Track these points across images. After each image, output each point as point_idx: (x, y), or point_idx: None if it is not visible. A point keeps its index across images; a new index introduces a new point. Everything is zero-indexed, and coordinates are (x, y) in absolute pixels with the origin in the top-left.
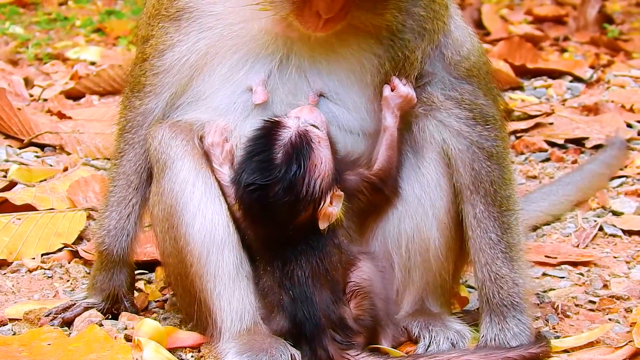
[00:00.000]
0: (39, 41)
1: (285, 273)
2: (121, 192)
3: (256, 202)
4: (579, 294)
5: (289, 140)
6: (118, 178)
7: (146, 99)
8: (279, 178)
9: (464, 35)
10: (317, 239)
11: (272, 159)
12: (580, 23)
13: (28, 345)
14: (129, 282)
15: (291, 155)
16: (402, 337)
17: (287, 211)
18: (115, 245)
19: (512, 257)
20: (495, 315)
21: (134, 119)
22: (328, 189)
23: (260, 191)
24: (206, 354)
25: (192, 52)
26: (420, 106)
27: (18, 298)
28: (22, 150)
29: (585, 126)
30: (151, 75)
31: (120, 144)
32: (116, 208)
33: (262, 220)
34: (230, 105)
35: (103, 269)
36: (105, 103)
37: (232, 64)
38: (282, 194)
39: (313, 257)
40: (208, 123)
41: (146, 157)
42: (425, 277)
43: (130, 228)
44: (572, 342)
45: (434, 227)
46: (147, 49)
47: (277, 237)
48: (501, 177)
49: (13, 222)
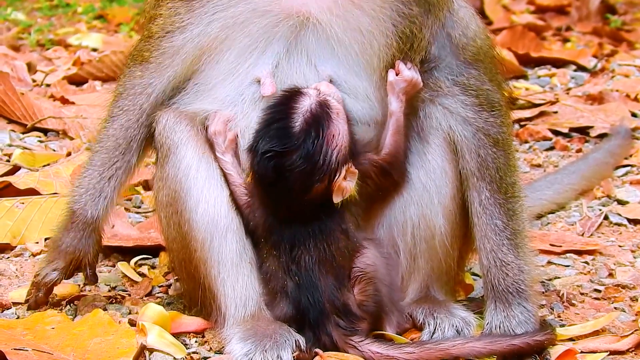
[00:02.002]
0: (41, 27)
1: (292, 257)
2: (107, 153)
3: (272, 170)
4: (584, 282)
5: (308, 108)
6: (106, 140)
7: (148, 73)
8: (297, 146)
9: (469, 16)
10: (324, 223)
11: (290, 126)
12: (582, 13)
13: (32, 329)
14: (96, 249)
15: (310, 124)
16: (407, 324)
17: (302, 181)
18: (90, 205)
19: (517, 244)
20: (500, 302)
21: (132, 87)
22: (344, 162)
23: (277, 158)
24: (210, 339)
25: (204, 34)
26: (427, 91)
27: (22, 282)
28: (25, 135)
29: (590, 115)
30: (157, 53)
31: (114, 109)
32: (98, 169)
33: (275, 191)
34: (237, 97)
35: (72, 229)
36: (108, 89)
37: (240, 50)
38: (299, 162)
39: (320, 242)
40: (213, 113)
41: (139, 127)
42: (431, 264)
43: (109, 191)
44: (578, 331)
45: (440, 213)
46: (153, 27)
47: (287, 213)
48: (507, 163)
49: (16, 206)
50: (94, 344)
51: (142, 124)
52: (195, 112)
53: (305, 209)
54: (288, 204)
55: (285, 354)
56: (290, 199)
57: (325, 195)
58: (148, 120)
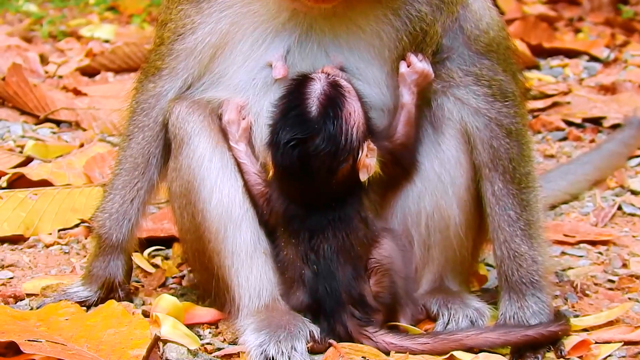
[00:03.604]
0: (53, 19)
1: (311, 246)
2: (127, 175)
3: (297, 158)
4: (598, 273)
5: (321, 91)
6: (125, 161)
7: (161, 82)
8: (318, 129)
9: (483, 8)
10: (344, 211)
11: (307, 112)
12: (594, 3)
13: (45, 320)
14: (126, 270)
15: (326, 106)
16: (421, 315)
17: (328, 164)
18: (115, 229)
19: (531, 235)
20: (514, 293)
21: (145, 101)
22: (364, 139)
23: (301, 146)
24: (224, 330)
25: (214, 32)
26: (439, 82)
27: (35, 273)
28: (37, 126)
29: (603, 105)
30: (169, 59)
31: (130, 127)
32: (120, 192)
33: (301, 180)
34: (249, 82)
35: (100, 255)
36: (121, 80)
37: (252, 40)
38: (324, 145)
39: (340, 230)
40: (226, 100)
41: (156, 141)
42: (445, 255)
43: (133, 213)
44: (592, 321)
45: (454, 204)
46: (165, 32)
47: (311, 200)
48: (520, 154)
49: (30, 197)
50: (107, 335)
51: (159, 137)
52: (209, 100)
53: (330, 196)
54: (313, 192)
55: (299, 344)
56: (316, 185)
57: (351, 177)
58: (164, 132)
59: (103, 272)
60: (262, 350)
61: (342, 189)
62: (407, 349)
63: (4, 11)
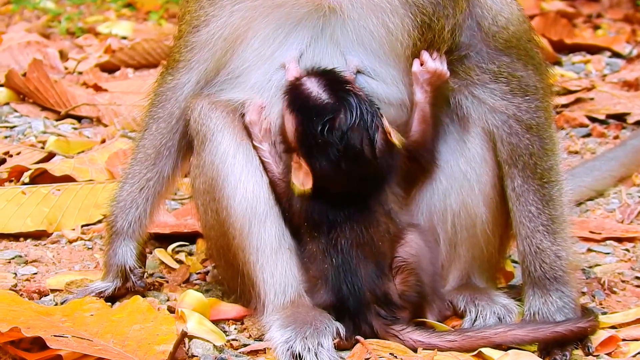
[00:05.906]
0: (70, 15)
1: (329, 239)
2: (137, 165)
3: (339, 140)
4: (625, 270)
5: (322, 81)
6: (137, 151)
7: (178, 74)
8: (338, 106)
9: (502, 3)
10: (366, 204)
11: (322, 99)
12: (613, 0)
13: (71, 315)
14: (136, 255)
15: (334, 88)
16: (448, 311)
17: (366, 134)
18: (121, 217)
19: (554, 230)
20: (537, 288)
21: (163, 93)
22: (377, 107)
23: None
24: (250, 326)
25: (227, 25)
26: (457, 81)
27: (59, 269)
28: (59, 122)
29: (627, 101)
30: (185, 51)
31: (146, 118)
32: (129, 180)
33: (348, 164)
34: (265, 83)
35: (109, 242)
36: (141, 76)
37: (265, 36)
38: (352, 116)
39: (358, 224)
40: (247, 101)
41: (170, 134)
42: (472, 252)
43: (141, 202)
44: (620, 318)
45: (481, 202)
46: (182, 25)
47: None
48: (542, 148)
49: (53, 193)
50: (133, 330)
51: (173, 130)
52: (228, 101)
53: (374, 175)
54: (359, 176)
55: (325, 341)
56: (362, 165)
57: (388, 146)
58: (180, 125)
59: (114, 260)
60: (289, 346)
61: (384, 165)
62: (435, 347)
63: (22, 8)
